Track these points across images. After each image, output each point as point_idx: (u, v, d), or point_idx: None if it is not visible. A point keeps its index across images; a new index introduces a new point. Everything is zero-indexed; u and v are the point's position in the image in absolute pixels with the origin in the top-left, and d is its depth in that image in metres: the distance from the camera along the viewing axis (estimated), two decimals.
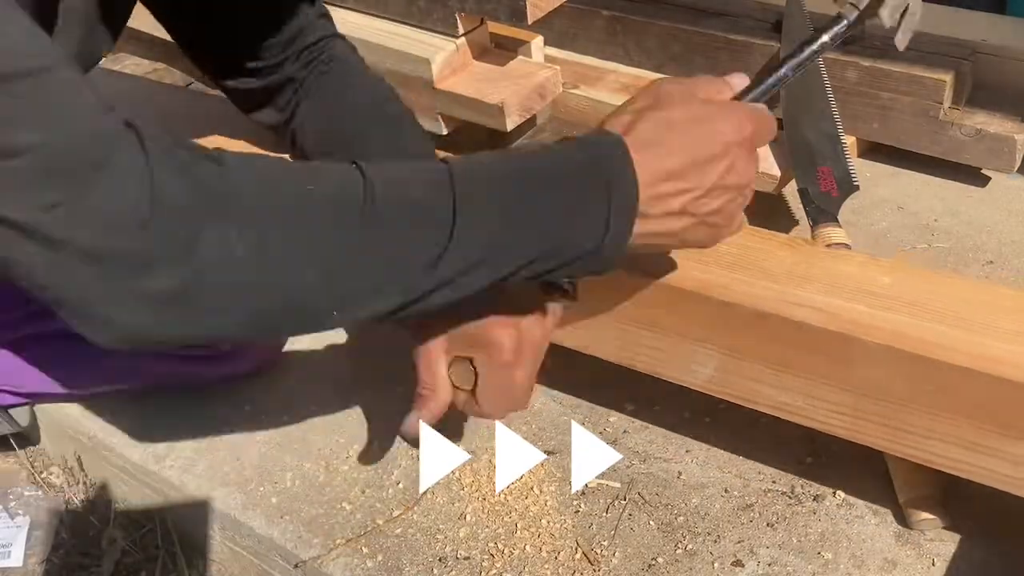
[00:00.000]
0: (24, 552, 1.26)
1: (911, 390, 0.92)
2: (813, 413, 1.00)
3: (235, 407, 1.26)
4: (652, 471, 1.13)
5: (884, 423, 0.95)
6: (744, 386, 1.02)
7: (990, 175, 1.51)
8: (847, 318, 0.94)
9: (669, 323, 1.03)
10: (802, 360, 0.97)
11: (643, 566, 1.04)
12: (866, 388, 0.94)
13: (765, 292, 0.98)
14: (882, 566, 1.01)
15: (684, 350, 1.04)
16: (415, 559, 1.06)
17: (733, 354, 1.01)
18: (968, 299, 0.95)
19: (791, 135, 1.40)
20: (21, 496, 1.32)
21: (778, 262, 1.02)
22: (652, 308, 1.03)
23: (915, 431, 0.94)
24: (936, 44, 1.47)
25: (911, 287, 0.97)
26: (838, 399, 0.97)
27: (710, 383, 1.05)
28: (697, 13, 1.63)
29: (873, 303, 0.95)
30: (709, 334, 1.01)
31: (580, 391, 1.24)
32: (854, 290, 0.97)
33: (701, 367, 1.04)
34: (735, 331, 0.99)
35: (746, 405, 1.04)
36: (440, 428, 1.20)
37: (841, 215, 1.31)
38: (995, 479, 0.93)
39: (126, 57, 1.92)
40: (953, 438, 0.92)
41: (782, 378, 0.99)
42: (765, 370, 1.00)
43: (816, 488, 1.09)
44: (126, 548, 1.24)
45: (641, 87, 0.89)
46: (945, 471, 0.95)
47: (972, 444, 0.91)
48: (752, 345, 0.99)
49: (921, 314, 0.94)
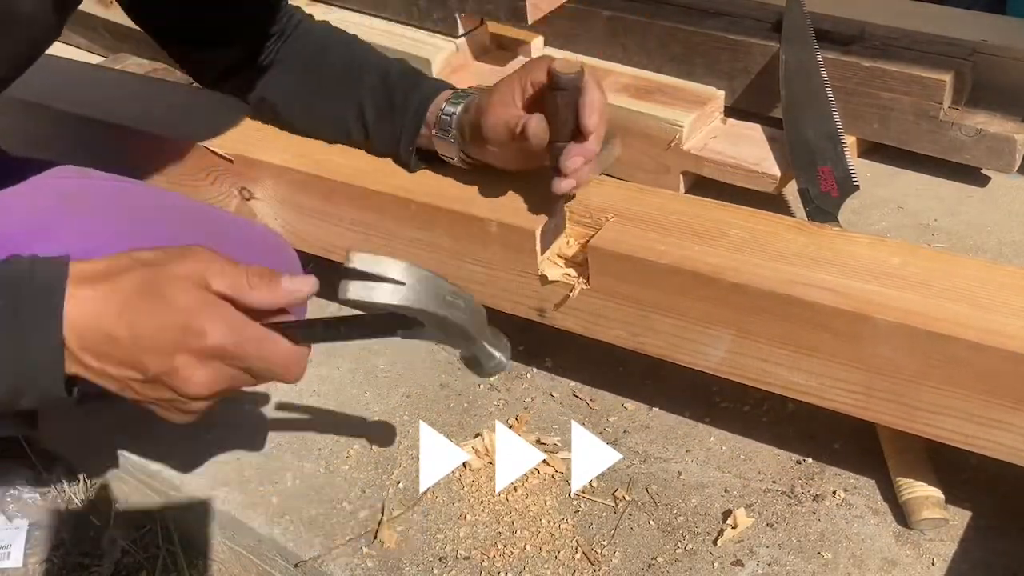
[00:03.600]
0: (24, 552, 1.26)
1: (922, 367, 0.93)
2: (825, 392, 1.00)
3: (235, 407, 1.26)
4: (652, 471, 1.13)
5: (896, 400, 0.96)
6: (756, 367, 1.03)
7: (990, 175, 1.51)
8: (858, 297, 0.95)
9: (680, 306, 1.04)
10: (814, 340, 0.98)
11: (643, 566, 1.04)
12: (878, 366, 0.95)
13: (776, 273, 0.99)
14: (882, 566, 1.01)
15: (695, 333, 1.05)
16: (415, 559, 1.07)
17: (744, 336, 1.02)
18: (976, 278, 0.96)
19: (791, 135, 1.41)
20: (19, 498, 1.32)
21: (788, 244, 1.03)
22: (662, 291, 1.04)
23: (926, 407, 0.95)
24: (936, 44, 1.47)
25: (920, 267, 0.98)
26: (850, 378, 0.98)
27: (722, 365, 1.05)
28: (697, 13, 1.63)
29: (883, 283, 0.97)
30: (720, 316, 1.02)
31: (580, 391, 1.24)
32: (864, 270, 0.98)
33: (712, 349, 1.04)
34: (746, 313, 1.00)
35: (758, 386, 1.05)
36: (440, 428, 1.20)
37: (841, 215, 1.31)
38: (1005, 452, 0.94)
39: (126, 57, 1.91)
40: (964, 413, 0.93)
41: (794, 358, 1.00)
42: (777, 351, 1.00)
43: (816, 488, 1.10)
44: (126, 548, 1.24)
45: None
46: (955, 445, 0.96)
47: (983, 418, 0.93)
48: (763, 326, 1.00)
49: (931, 292, 0.95)
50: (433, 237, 1.16)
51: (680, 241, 1.04)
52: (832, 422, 1.13)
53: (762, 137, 1.48)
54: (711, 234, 1.04)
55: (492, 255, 1.13)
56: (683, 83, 1.58)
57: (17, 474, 1.35)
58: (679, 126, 1.48)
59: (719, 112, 1.54)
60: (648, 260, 1.03)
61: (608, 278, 1.06)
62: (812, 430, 1.15)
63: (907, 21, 1.54)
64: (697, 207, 1.09)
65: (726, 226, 1.05)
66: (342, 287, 0.80)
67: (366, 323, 0.88)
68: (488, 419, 1.21)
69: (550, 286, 1.10)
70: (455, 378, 1.27)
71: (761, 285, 0.98)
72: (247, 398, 1.27)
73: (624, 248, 1.04)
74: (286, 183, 1.25)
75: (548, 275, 1.09)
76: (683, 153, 1.49)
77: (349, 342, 0.93)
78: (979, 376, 0.91)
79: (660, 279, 1.03)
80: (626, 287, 1.06)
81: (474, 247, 1.13)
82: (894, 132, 1.49)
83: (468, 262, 1.15)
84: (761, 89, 1.56)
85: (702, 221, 1.06)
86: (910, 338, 0.93)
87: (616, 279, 1.06)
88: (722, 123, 1.53)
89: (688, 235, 1.05)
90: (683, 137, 1.48)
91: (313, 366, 1.31)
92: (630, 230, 1.06)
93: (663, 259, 1.02)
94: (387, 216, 1.18)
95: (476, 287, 1.16)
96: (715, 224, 1.06)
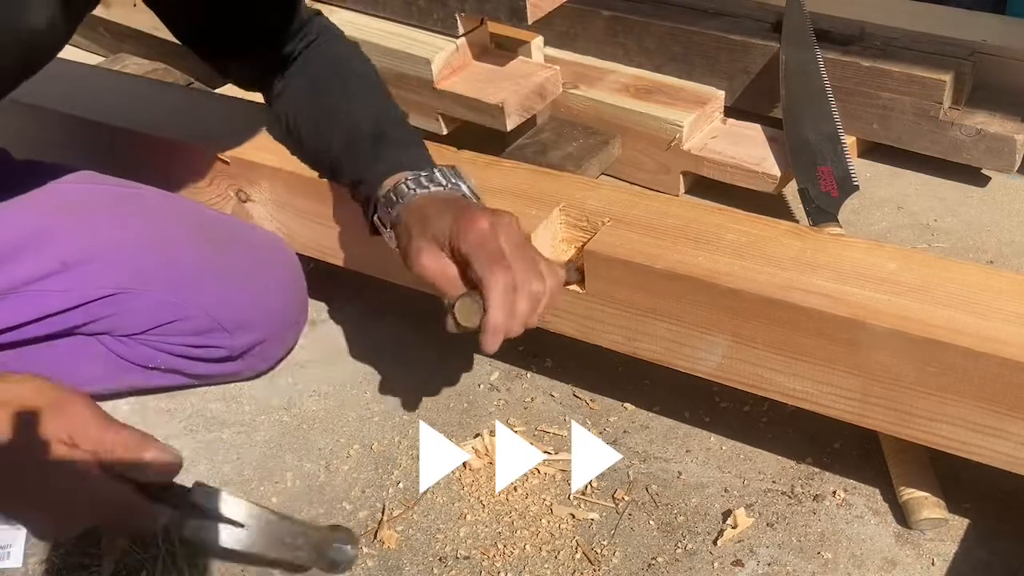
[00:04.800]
0: (24, 552, 1.26)
1: (918, 373, 0.93)
2: (821, 398, 1.00)
3: (235, 407, 1.26)
4: (652, 471, 1.13)
5: (892, 407, 0.96)
6: (752, 373, 1.03)
7: (990, 175, 1.51)
8: (855, 303, 0.95)
9: (676, 311, 1.03)
10: (810, 345, 0.97)
11: (643, 566, 1.04)
12: (874, 372, 0.95)
13: (772, 279, 0.99)
14: (882, 566, 1.01)
15: (691, 338, 1.04)
16: (415, 559, 1.07)
17: (741, 341, 1.01)
18: (973, 284, 0.96)
19: (791, 135, 1.41)
20: None
21: (785, 249, 1.02)
22: (659, 296, 1.03)
23: (922, 414, 0.95)
24: (936, 44, 1.47)
25: (916, 273, 0.98)
26: (846, 384, 0.97)
27: (718, 371, 1.05)
28: (697, 13, 1.63)
29: (880, 288, 0.96)
30: (717, 321, 1.02)
31: (580, 391, 1.24)
32: (861, 276, 0.98)
33: (709, 355, 1.04)
34: (743, 318, 1.00)
35: (754, 392, 1.05)
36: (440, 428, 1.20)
37: (841, 215, 1.31)
38: (1001, 460, 0.94)
39: (126, 57, 1.91)
40: (960, 420, 0.93)
41: (790, 364, 1.00)
42: (773, 356, 1.00)
43: (816, 488, 1.10)
44: (126, 548, 1.24)
45: None
46: (952, 453, 0.96)
47: (978, 425, 0.92)
48: (760, 332, 0.99)
49: (927, 298, 0.95)
50: None
51: (676, 246, 1.03)
52: (832, 422, 1.13)
53: (762, 137, 1.49)
54: (707, 239, 1.04)
55: None
56: (683, 83, 1.58)
57: None
58: (679, 126, 1.48)
59: (719, 112, 1.54)
60: (644, 265, 1.02)
61: (604, 282, 1.06)
62: (812, 430, 1.15)
63: (907, 21, 1.54)
64: (693, 211, 1.09)
65: (722, 231, 1.05)
66: (178, 522, 0.80)
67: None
68: (488, 419, 1.21)
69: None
70: (455, 378, 1.27)
71: (757, 290, 0.98)
72: (247, 397, 1.27)
73: (620, 253, 1.04)
74: (283, 185, 1.25)
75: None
76: (683, 153, 1.49)
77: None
78: (975, 383, 0.90)
79: (656, 284, 1.03)
80: (622, 292, 1.05)
81: None
82: (894, 132, 1.49)
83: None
84: (761, 89, 1.56)
85: (698, 226, 1.06)
86: (906, 344, 0.92)
87: (612, 284, 1.05)
88: (722, 123, 1.54)
89: (684, 240, 1.04)
90: (683, 137, 1.48)
91: (313, 366, 1.31)
92: (626, 234, 1.06)
93: (659, 264, 1.02)
94: None
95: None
96: (711, 228, 1.05)
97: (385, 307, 1.38)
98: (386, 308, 1.38)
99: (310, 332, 1.36)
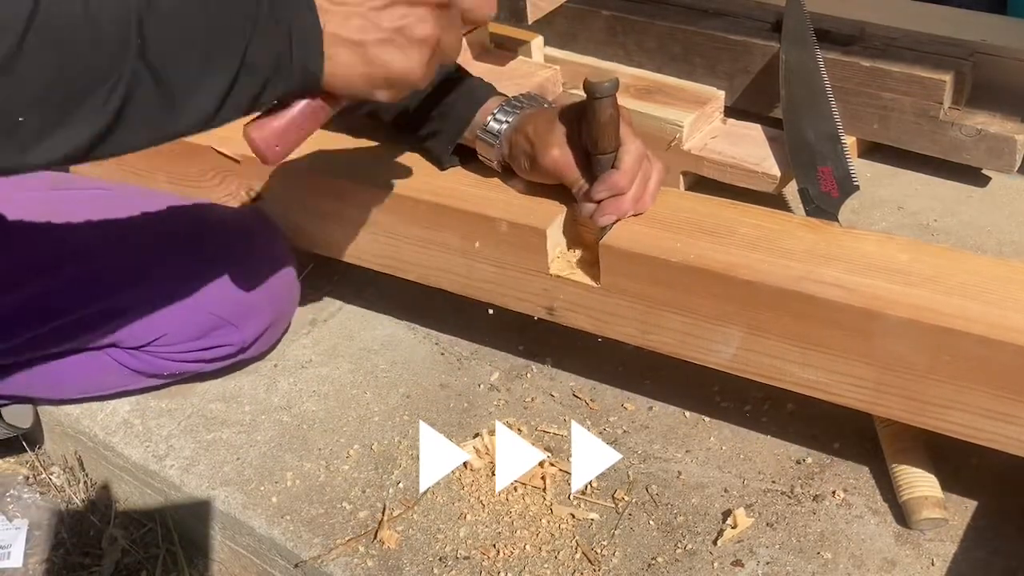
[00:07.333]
0: (24, 552, 1.26)
1: (932, 362, 0.94)
2: (835, 388, 1.01)
3: (235, 407, 1.26)
4: (652, 471, 1.13)
5: (906, 395, 0.97)
6: (767, 364, 1.04)
7: (990, 175, 1.51)
8: (868, 294, 0.96)
9: (690, 304, 1.04)
10: (824, 336, 0.98)
11: (643, 566, 1.04)
12: (888, 362, 0.96)
13: (786, 271, 1.00)
14: (882, 566, 1.01)
15: (706, 330, 1.05)
16: (415, 559, 1.07)
17: (756, 333, 1.02)
18: (984, 273, 0.97)
19: (791, 135, 1.41)
20: (19, 499, 1.32)
21: (798, 242, 1.03)
22: (673, 289, 1.04)
23: (936, 402, 0.96)
24: (936, 44, 1.47)
25: (928, 263, 0.99)
26: (860, 374, 0.98)
27: (732, 362, 1.06)
28: (697, 13, 1.63)
29: (892, 279, 0.97)
30: (731, 313, 1.02)
31: (580, 391, 1.24)
32: (873, 267, 0.99)
33: (723, 347, 1.05)
34: (757, 309, 1.01)
35: (768, 383, 1.05)
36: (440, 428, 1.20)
37: (841, 215, 1.31)
38: (1014, 446, 0.95)
39: None
40: (973, 407, 0.94)
41: (805, 355, 1.00)
42: (788, 347, 1.01)
43: (816, 488, 1.10)
44: (126, 548, 1.24)
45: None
46: (965, 440, 0.97)
47: (992, 412, 0.93)
48: (774, 323, 1.00)
49: (939, 288, 0.96)
50: (442, 237, 1.16)
51: (690, 239, 1.04)
52: (832, 422, 1.13)
53: (762, 137, 1.48)
54: (721, 232, 1.05)
55: (503, 254, 1.13)
56: (683, 83, 1.58)
57: (17, 474, 1.36)
58: (679, 126, 1.48)
59: (719, 112, 1.54)
60: (659, 258, 1.03)
61: (619, 276, 1.07)
62: (812, 430, 1.15)
63: (907, 21, 1.54)
64: (707, 206, 1.10)
65: (736, 224, 1.06)
66: None
67: None
68: (488, 419, 1.21)
69: (560, 284, 1.11)
70: (455, 378, 1.27)
71: (772, 282, 0.99)
72: (248, 397, 1.27)
73: (635, 247, 1.05)
74: (294, 184, 1.25)
75: (558, 274, 1.10)
76: (683, 153, 1.48)
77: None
78: (988, 371, 0.91)
79: (671, 277, 1.04)
80: (637, 285, 1.06)
81: (484, 246, 1.14)
82: (894, 132, 1.49)
83: (478, 261, 1.15)
84: (761, 89, 1.56)
85: (712, 219, 1.07)
86: (919, 333, 0.93)
87: (627, 277, 1.06)
88: (722, 123, 1.53)
89: (698, 233, 1.05)
90: (683, 137, 1.48)
91: (313, 366, 1.31)
92: (641, 229, 1.07)
93: (674, 257, 1.03)
94: (396, 216, 1.18)
95: (486, 285, 1.16)
96: (725, 222, 1.06)
97: (385, 307, 1.38)
98: (386, 308, 1.38)
99: (310, 332, 1.36)
